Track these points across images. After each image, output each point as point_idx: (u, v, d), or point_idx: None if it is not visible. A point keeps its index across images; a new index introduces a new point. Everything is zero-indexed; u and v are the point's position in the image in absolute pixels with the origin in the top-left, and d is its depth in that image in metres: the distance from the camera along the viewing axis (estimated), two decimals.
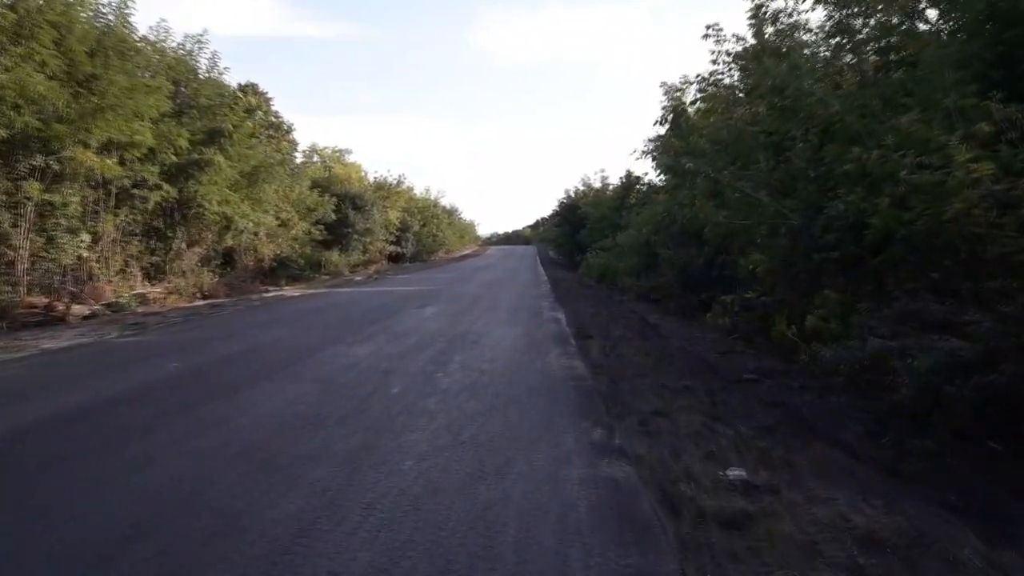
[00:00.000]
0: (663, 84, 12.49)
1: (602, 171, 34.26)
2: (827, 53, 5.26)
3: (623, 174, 23.98)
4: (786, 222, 4.38)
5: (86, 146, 9.02)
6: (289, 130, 32.93)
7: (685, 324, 8.90)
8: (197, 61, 12.57)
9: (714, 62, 6.84)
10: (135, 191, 10.71)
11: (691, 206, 6.58)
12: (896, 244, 3.51)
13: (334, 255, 24.67)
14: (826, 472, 2.93)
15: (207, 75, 12.75)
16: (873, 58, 4.86)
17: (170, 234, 12.58)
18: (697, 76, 7.40)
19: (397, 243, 31.70)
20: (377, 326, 7.97)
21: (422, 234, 35.83)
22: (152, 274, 12.54)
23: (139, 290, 11.33)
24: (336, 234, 25.80)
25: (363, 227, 27.35)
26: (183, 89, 12.35)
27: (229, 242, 13.51)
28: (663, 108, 12.65)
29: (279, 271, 17.73)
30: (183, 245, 12.92)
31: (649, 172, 26.90)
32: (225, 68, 13.10)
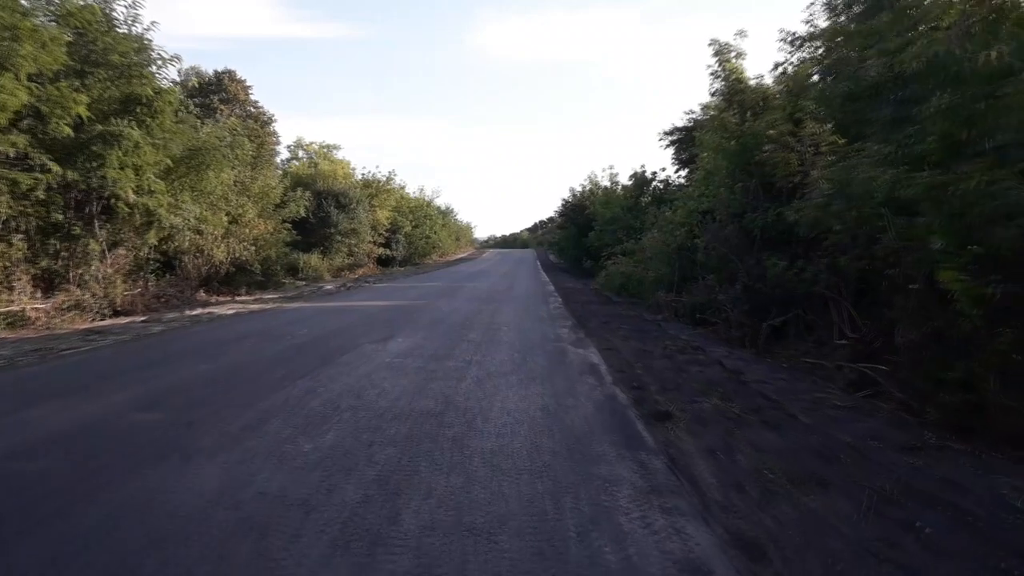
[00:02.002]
0: (713, 41, 9.81)
1: (611, 168, 31.47)
2: None
3: (638, 169, 21.38)
4: None
5: None
6: (269, 121, 30.40)
7: (771, 367, 6.12)
8: (113, 9, 9.73)
9: None
10: None
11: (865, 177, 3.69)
12: None
13: (313, 258, 21.90)
14: None
15: (126, 28, 9.88)
16: None
17: (77, 232, 9.73)
18: None
19: (386, 245, 28.99)
20: (293, 388, 4.64)
21: (414, 236, 33.00)
22: (55, 283, 9.72)
23: (18, 306, 8.50)
24: (317, 235, 23.18)
25: (347, 227, 24.70)
26: (93, 46, 9.51)
27: (153, 242, 10.62)
28: (713, 73, 9.95)
29: (238, 277, 14.89)
30: (99, 246, 10.06)
31: (667, 168, 24.18)
32: (152, 23, 10.17)
